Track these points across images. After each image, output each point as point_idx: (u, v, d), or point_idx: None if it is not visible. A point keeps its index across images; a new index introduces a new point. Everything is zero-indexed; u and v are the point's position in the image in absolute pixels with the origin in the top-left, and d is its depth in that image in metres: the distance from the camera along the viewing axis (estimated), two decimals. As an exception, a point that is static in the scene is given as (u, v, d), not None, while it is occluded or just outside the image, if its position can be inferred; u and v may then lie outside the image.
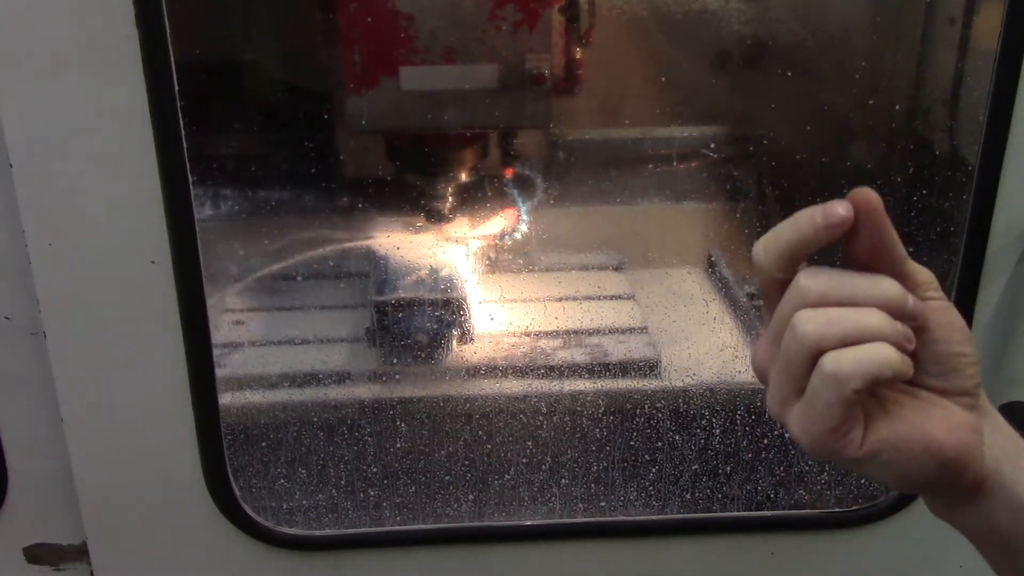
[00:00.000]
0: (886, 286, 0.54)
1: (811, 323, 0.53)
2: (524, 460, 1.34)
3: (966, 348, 0.57)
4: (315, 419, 1.33)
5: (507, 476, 1.34)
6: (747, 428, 1.34)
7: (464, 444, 1.34)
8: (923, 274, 0.57)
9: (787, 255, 0.55)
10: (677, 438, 1.34)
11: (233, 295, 1.49)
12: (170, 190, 1.02)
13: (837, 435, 0.55)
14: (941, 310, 0.56)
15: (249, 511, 1.21)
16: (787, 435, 1.30)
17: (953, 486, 0.57)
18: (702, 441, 1.34)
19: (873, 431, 0.55)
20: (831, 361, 0.53)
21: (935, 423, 0.56)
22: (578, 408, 1.34)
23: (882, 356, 0.52)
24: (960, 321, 0.57)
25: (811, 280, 0.54)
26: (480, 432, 1.34)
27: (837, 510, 1.28)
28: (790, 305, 0.55)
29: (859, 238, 0.54)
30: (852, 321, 0.53)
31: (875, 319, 0.53)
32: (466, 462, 1.35)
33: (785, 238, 0.55)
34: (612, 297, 1.53)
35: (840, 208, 0.53)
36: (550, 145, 1.54)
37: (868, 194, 0.53)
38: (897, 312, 0.54)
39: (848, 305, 0.54)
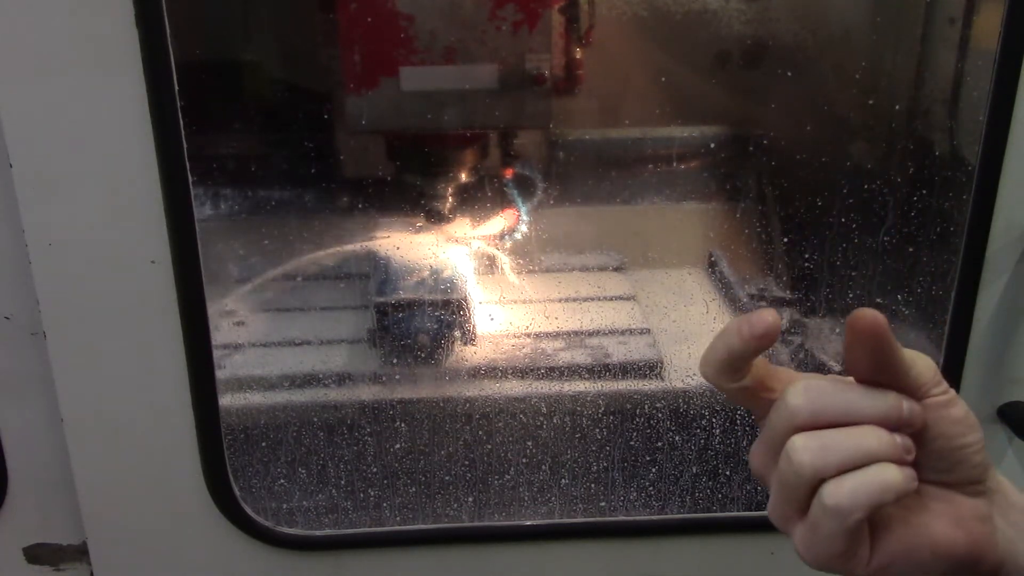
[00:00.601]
0: (880, 399, 0.52)
1: (807, 452, 0.51)
2: (524, 460, 1.34)
3: (970, 438, 0.55)
4: (315, 419, 1.33)
5: (507, 476, 1.34)
6: (747, 428, 1.34)
7: (464, 444, 1.34)
8: (925, 374, 0.54)
9: (726, 366, 0.54)
10: (677, 438, 1.34)
11: (233, 296, 1.49)
12: (170, 190, 1.02)
13: (843, 559, 0.53)
14: (942, 405, 0.54)
15: (249, 511, 1.21)
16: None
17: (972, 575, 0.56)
18: (702, 441, 1.34)
19: (879, 546, 0.54)
20: (831, 495, 0.51)
21: (941, 521, 0.55)
22: (578, 409, 1.34)
23: (883, 481, 0.51)
24: (962, 411, 0.55)
25: (799, 400, 0.52)
26: (480, 432, 1.34)
27: (837, 510, 1.28)
28: (781, 425, 0.53)
29: (859, 358, 0.53)
30: (849, 446, 0.51)
31: (872, 439, 0.51)
32: (466, 462, 1.35)
33: (719, 351, 0.54)
34: (613, 298, 1.53)
35: (767, 316, 0.52)
36: (550, 145, 1.54)
37: (870, 317, 0.51)
38: (894, 423, 0.52)
39: (842, 423, 0.52)
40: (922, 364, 0.54)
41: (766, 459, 0.55)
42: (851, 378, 0.54)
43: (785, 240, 1.47)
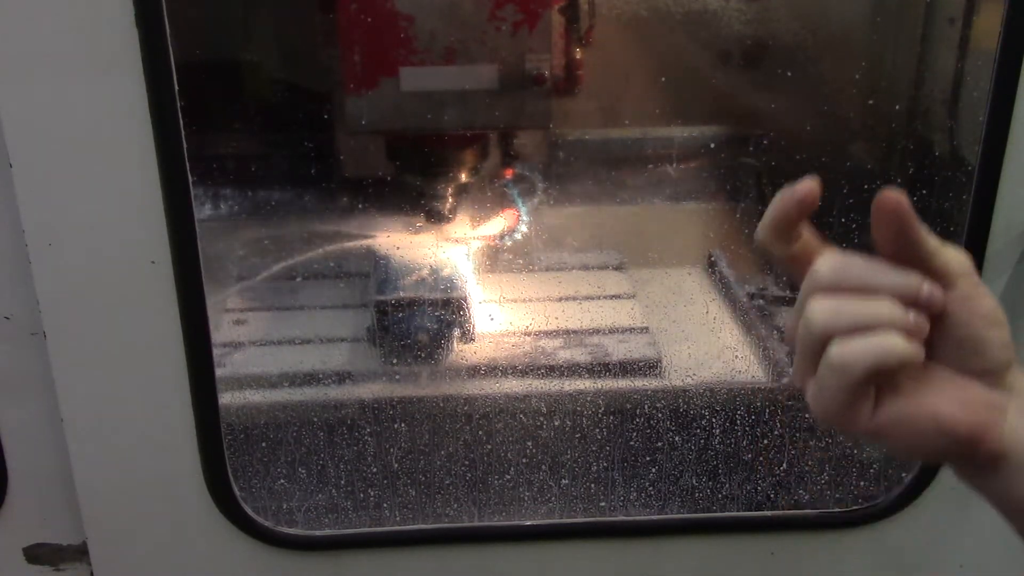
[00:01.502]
0: (900, 275, 0.56)
1: (821, 311, 0.56)
2: (524, 460, 1.34)
3: (992, 333, 0.57)
4: (315, 419, 1.33)
5: (507, 476, 1.34)
6: (747, 428, 1.34)
7: (464, 444, 1.34)
8: (952, 263, 0.57)
9: (775, 231, 0.59)
10: (677, 438, 1.34)
11: (233, 295, 1.49)
12: (170, 190, 1.02)
13: (845, 414, 0.57)
14: (968, 297, 0.57)
15: (249, 511, 1.21)
16: (786, 434, 1.31)
17: (968, 460, 0.58)
18: (702, 441, 1.34)
19: (883, 408, 0.57)
20: (835, 351, 0.55)
21: (948, 401, 0.57)
22: (578, 408, 1.34)
23: (886, 346, 0.54)
24: (988, 307, 0.57)
25: (824, 267, 0.57)
26: (480, 432, 1.34)
27: (837, 510, 1.28)
28: (806, 288, 0.58)
29: (884, 238, 0.56)
30: (860, 310, 0.55)
31: (884, 309, 0.55)
32: (466, 462, 1.35)
33: (767, 216, 0.59)
34: (613, 297, 1.53)
35: (809, 183, 0.57)
36: (550, 145, 1.54)
37: (894, 199, 0.55)
38: (911, 301, 0.55)
39: (861, 293, 0.56)
40: (952, 255, 0.57)
41: (795, 323, 0.59)
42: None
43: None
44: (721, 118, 1.49)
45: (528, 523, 1.29)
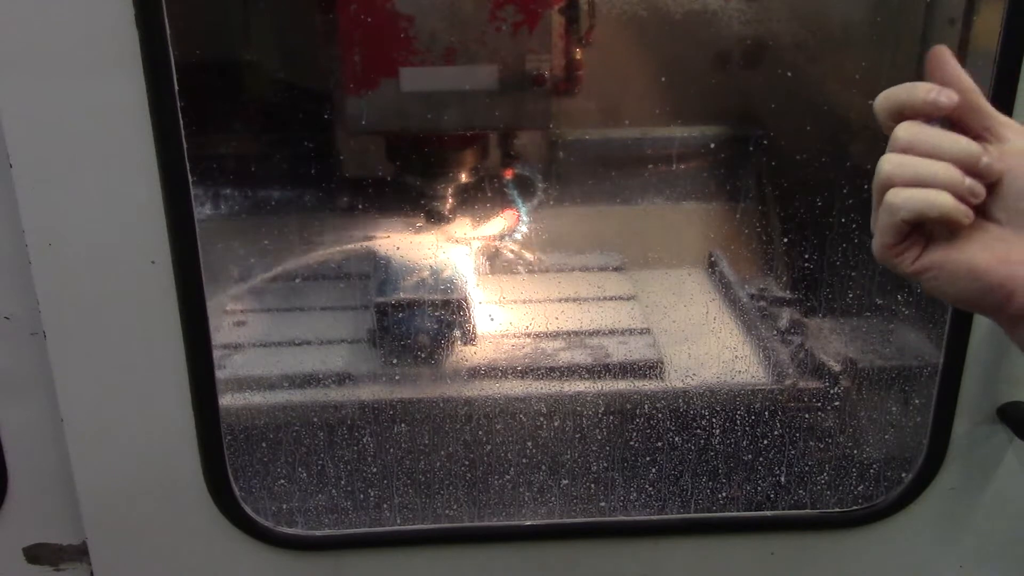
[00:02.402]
0: (964, 145, 0.65)
1: (888, 163, 0.66)
2: (524, 460, 1.34)
3: None
4: (315, 420, 1.33)
5: (507, 476, 1.34)
6: (747, 428, 1.34)
7: (464, 445, 1.34)
8: (1008, 122, 0.67)
9: (894, 110, 0.67)
10: (677, 438, 1.34)
11: (233, 296, 1.49)
12: (170, 190, 1.02)
13: (894, 251, 0.67)
14: (1020, 153, 0.65)
15: (249, 511, 1.21)
16: (786, 434, 1.31)
17: (1000, 311, 0.66)
18: (702, 441, 1.34)
19: (928, 253, 0.67)
20: (891, 194, 0.65)
21: (989, 254, 0.65)
22: (578, 409, 1.34)
23: (932, 199, 0.64)
24: None
25: (902, 132, 0.66)
26: (480, 432, 1.34)
27: (837, 510, 1.28)
28: (887, 150, 0.67)
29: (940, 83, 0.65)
30: (920, 167, 0.65)
31: (943, 171, 0.64)
32: (466, 462, 1.35)
33: (898, 96, 0.67)
34: (613, 298, 1.53)
35: (950, 93, 0.65)
36: (550, 146, 1.54)
37: (938, 49, 0.66)
38: (970, 169, 0.64)
39: (929, 156, 0.65)
40: (1008, 120, 0.67)
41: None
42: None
43: (785, 240, 1.47)
44: (721, 118, 1.49)
45: (528, 523, 1.29)
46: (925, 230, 0.67)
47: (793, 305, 1.49)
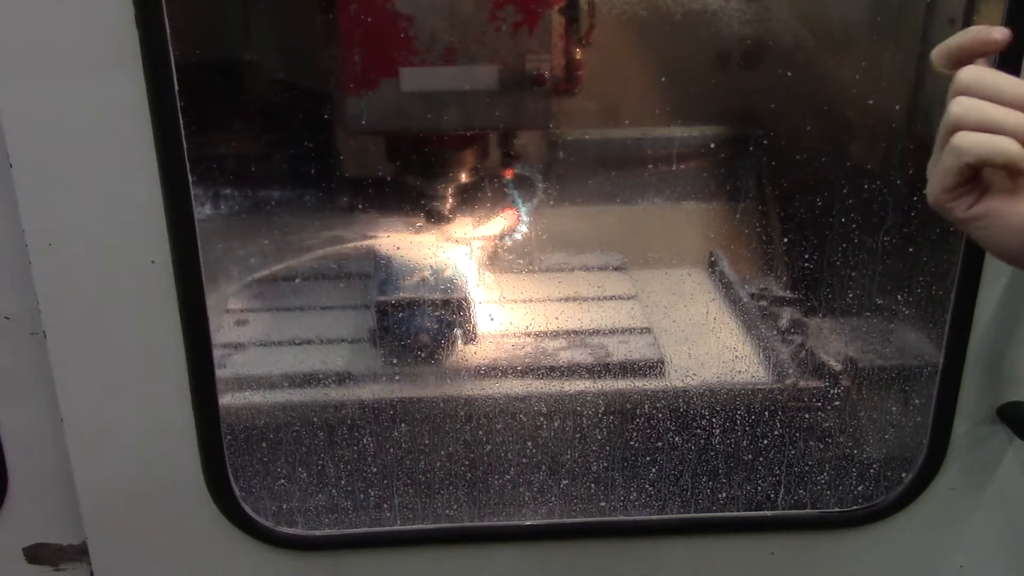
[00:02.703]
0: None
1: (958, 106, 0.67)
2: (524, 460, 1.34)
3: None
4: (315, 419, 1.33)
5: (507, 476, 1.34)
6: (747, 428, 1.34)
7: (464, 444, 1.34)
8: None
9: (952, 56, 0.68)
10: (677, 438, 1.34)
11: (234, 295, 1.49)
12: (170, 190, 1.02)
13: (950, 196, 0.68)
14: None
15: (249, 511, 1.21)
16: (787, 434, 1.31)
17: None
18: (702, 441, 1.34)
19: (984, 201, 0.68)
20: (958, 136, 0.66)
21: None
22: (579, 408, 1.34)
23: (999, 145, 0.65)
24: None
25: (965, 74, 0.67)
26: (480, 432, 1.34)
27: (837, 510, 1.28)
28: (951, 92, 0.68)
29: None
30: (989, 111, 0.65)
31: (1012, 118, 0.65)
32: (466, 462, 1.35)
33: (953, 41, 0.68)
34: (614, 298, 1.53)
35: (1004, 31, 0.67)
36: (550, 146, 1.54)
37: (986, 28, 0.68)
38: None
39: (990, 100, 0.66)
40: None
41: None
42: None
43: (785, 240, 1.47)
44: (721, 118, 1.49)
45: (528, 523, 1.29)
46: (982, 179, 0.68)
47: (793, 305, 1.49)
